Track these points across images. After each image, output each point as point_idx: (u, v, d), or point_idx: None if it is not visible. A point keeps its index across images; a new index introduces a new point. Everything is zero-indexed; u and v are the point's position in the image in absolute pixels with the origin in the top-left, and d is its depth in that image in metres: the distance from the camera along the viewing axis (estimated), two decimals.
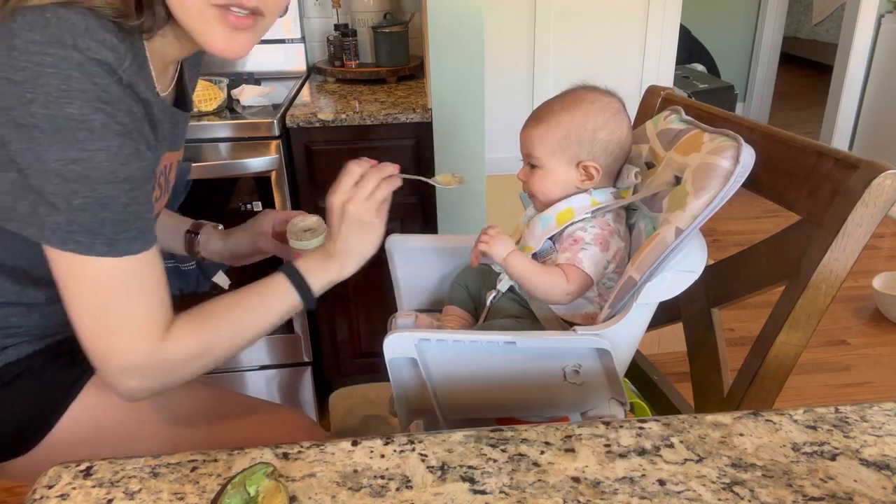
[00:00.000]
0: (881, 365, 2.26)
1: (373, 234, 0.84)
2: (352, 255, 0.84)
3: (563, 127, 0.90)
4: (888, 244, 3.09)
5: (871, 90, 3.56)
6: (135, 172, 0.68)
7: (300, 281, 0.82)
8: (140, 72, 0.70)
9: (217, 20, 0.70)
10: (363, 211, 0.82)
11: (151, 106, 0.72)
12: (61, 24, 0.62)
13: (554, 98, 0.94)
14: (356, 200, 0.82)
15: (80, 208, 0.65)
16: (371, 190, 0.83)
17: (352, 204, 0.82)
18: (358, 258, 0.85)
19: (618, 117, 0.91)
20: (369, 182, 0.83)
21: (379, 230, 0.85)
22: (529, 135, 0.93)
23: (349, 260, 0.85)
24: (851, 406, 0.66)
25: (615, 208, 0.90)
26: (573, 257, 0.86)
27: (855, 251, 0.75)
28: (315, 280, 0.83)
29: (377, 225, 0.84)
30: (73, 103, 0.62)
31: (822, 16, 5.54)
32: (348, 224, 0.82)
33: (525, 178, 0.94)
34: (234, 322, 0.79)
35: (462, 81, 1.68)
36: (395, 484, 0.57)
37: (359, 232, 0.83)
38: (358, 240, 0.84)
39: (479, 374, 0.83)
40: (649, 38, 2.35)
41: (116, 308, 0.70)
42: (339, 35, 2.05)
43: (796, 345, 0.80)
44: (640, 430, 0.63)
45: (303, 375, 1.95)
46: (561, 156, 0.90)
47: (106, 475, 0.60)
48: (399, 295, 1.10)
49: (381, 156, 0.88)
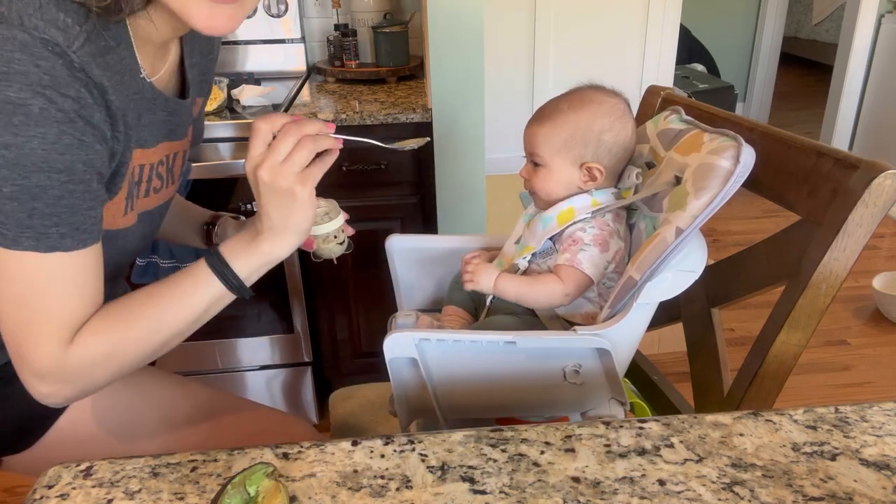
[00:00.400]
0: (881, 365, 2.26)
1: (297, 204, 0.71)
2: (279, 231, 0.72)
3: (569, 127, 0.90)
4: (888, 244, 3.09)
5: (871, 90, 3.56)
6: (74, 164, 0.63)
7: (222, 267, 0.72)
8: (105, 54, 0.65)
9: None
10: (278, 176, 0.69)
11: (107, 92, 0.66)
12: (14, 2, 0.59)
13: (561, 96, 0.93)
14: (267, 164, 0.69)
15: (8, 197, 0.61)
16: (286, 151, 0.69)
17: (263, 169, 0.69)
18: (288, 235, 0.73)
19: (623, 119, 0.91)
20: (283, 142, 0.70)
21: (304, 200, 0.71)
22: (535, 132, 0.92)
23: (278, 238, 0.73)
24: (851, 406, 0.66)
25: (615, 208, 0.90)
26: (572, 258, 0.86)
27: (855, 251, 0.75)
28: (241, 264, 0.73)
29: (300, 193, 0.70)
30: (12, 86, 0.58)
31: (822, 16, 5.54)
32: (266, 195, 0.70)
33: (528, 175, 0.94)
34: (150, 318, 0.71)
35: (462, 81, 1.68)
36: (395, 484, 0.57)
37: (279, 203, 0.70)
38: (281, 213, 0.71)
39: (480, 374, 0.83)
40: (649, 38, 2.35)
41: (35, 308, 0.65)
42: (339, 35, 2.05)
43: (796, 345, 0.80)
44: (640, 430, 0.63)
45: (303, 375, 1.95)
46: (565, 156, 0.90)
47: (106, 475, 0.60)
48: (399, 295, 1.10)
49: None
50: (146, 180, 0.80)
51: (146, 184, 0.80)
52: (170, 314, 0.72)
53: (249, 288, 0.75)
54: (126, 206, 0.76)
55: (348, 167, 1.72)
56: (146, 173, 0.79)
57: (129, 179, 0.76)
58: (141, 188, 0.79)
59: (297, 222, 0.72)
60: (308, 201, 0.71)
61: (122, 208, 0.76)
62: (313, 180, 0.71)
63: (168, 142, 0.81)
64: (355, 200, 1.79)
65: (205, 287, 0.73)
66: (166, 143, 0.80)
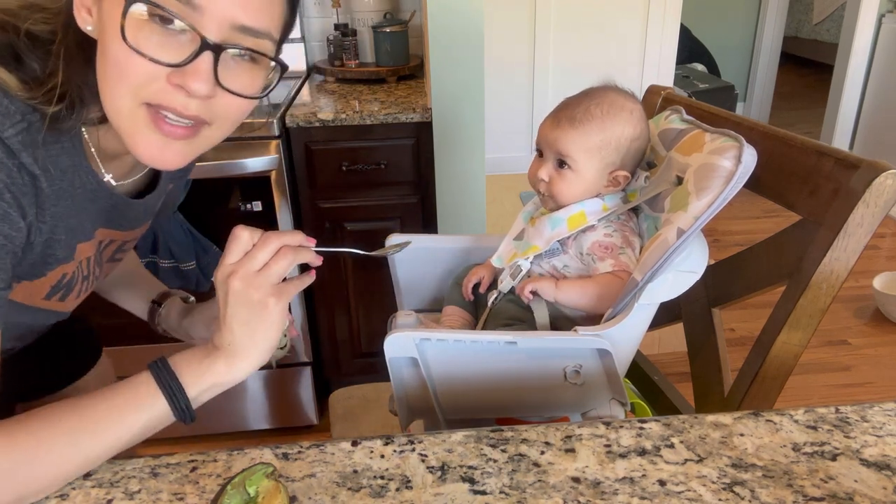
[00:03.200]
0: (882, 365, 2.26)
1: (267, 319, 0.63)
2: (239, 350, 0.63)
3: (605, 134, 0.88)
4: (889, 244, 3.09)
5: (872, 90, 3.56)
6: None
7: (170, 382, 0.62)
8: (44, 146, 0.62)
9: (147, 123, 0.61)
10: (251, 286, 0.62)
11: (38, 179, 0.62)
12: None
13: (587, 98, 0.90)
14: (242, 272, 0.62)
15: None
16: (263, 261, 0.63)
17: (237, 277, 0.62)
18: (249, 355, 0.64)
19: (645, 125, 0.91)
20: (261, 250, 0.63)
21: (275, 315, 0.63)
22: (566, 134, 0.89)
23: (237, 357, 0.64)
24: (852, 406, 0.66)
25: (625, 211, 0.91)
26: (618, 263, 0.86)
27: (856, 251, 0.75)
28: (191, 382, 0.63)
29: (273, 307, 0.63)
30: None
31: (822, 15, 5.54)
32: (232, 306, 0.63)
33: (549, 177, 0.91)
34: (67, 434, 0.58)
35: (462, 81, 1.68)
36: (395, 484, 0.57)
37: (247, 316, 0.63)
38: (246, 328, 0.63)
39: (480, 374, 0.83)
40: (649, 38, 2.35)
41: None
42: (339, 35, 2.05)
43: (797, 345, 0.80)
44: (640, 431, 0.63)
45: (303, 375, 1.95)
46: (598, 162, 0.89)
47: (105, 475, 0.60)
48: (399, 295, 1.10)
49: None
50: (91, 271, 0.77)
51: (91, 274, 0.77)
52: (95, 433, 0.59)
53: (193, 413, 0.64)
54: (51, 293, 0.73)
55: (348, 167, 1.72)
56: (91, 264, 0.77)
57: (78, 273, 0.74)
58: (90, 279, 0.77)
59: (262, 339, 0.64)
60: (279, 318, 0.64)
61: (44, 292, 0.72)
62: (287, 296, 0.65)
63: (105, 229, 0.77)
64: (355, 200, 1.79)
65: (146, 404, 0.61)
66: (102, 230, 0.77)
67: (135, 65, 0.59)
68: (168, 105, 0.60)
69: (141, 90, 0.60)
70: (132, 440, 0.61)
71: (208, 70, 0.59)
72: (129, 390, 0.61)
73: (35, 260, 0.67)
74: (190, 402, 0.63)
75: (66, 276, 0.73)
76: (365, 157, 1.72)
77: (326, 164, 1.74)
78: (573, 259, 0.90)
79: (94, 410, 0.60)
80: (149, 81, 0.59)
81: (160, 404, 0.61)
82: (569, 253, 0.90)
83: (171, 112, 0.61)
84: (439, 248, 1.08)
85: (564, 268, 0.90)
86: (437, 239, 1.12)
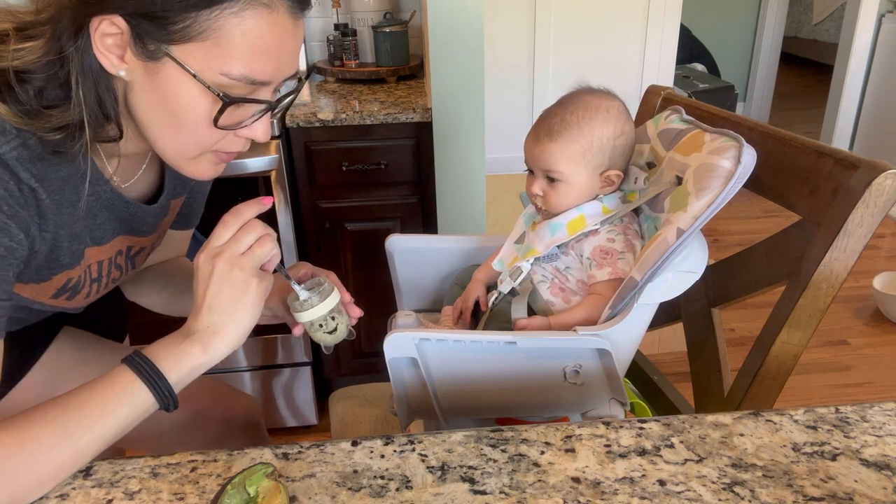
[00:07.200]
0: (882, 365, 2.26)
1: (247, 300, 0.66)
2: (216, 331, 0.65)
3: (584, 139, 0.88)
4: (889, 244, 3.09)
5: (872, 90, 3.56)
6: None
7: (151, 372, 0.63)
8: (41, 160, 0.64)
9: (210, 161, 0.71)
10: (236, 267, 0.65)
11: (37, 192, 0.64)
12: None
13: (561, 108, 0.90)
14: (228, 253, 0.65)
15: None
16: (249, 243, 0.67)
17: (222, 258, 0.65)
18: (225, 335, 0.66)
19: (627, 120, 0.91)
20: (247, 233, 0.67)
21: (255, 295, 0.66)
22: (547, 149, 0.89)
23: (215, 338, 0.65)
24: (852, 406, 0.66)
25: (628, 212, 0.91)
26: (615, 271, 0.86)
27: (855, 251, 0.75)
28: (170, 367, 0.64)
29: (255, 288, 0.66)
30: None
31: (822, 15, 5.54)
32: (216, 285, 0.65)
33: (543, 192, 0.91)
34: (53, 424, 0.59)
35: (462, 81, 1.68)
36: (395, 484, 0.57)
37: (229, 296, 0.65)
38: (226, 308, 0.65)
39: (480, 374, 0.83)
40: (649, 38, 2.35)
41: None
42: (339, 35, 2.05)
43: (797, 345, 0.80)
44: (640, 431, 0.63)
45: (302, 375, 1.95)
46: (585, 168, 0.89)
47: (105, 475, 0.60)
48: (399, 295, 1.10)
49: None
50: (105, 274, 0.80)
51: (106, 277, 0.81)
52: (80, 422, 0.60)
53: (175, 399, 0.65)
54: (57, 294, 0.76)
55: (348, 167, 1.72)
56: (105, 267, 0.80)
57: (86, 277, 0.77)
58: (102, 282, 0.81)
59: (241, 319, 0.66)
60: (258, 300, 0.67)
61: (50, 292, 0.75)
62: (269, 282, 0.68)
63: (125, 236, 0.81)
64: (355, 200, 1.79)
65: (129, 394, 0.62)
66: (122, 237, 0.80)
67: (213, 135, 0.67)
68: (232, 150, 0.70)
69: (213, 146, 0.69)
70: (119, 429, 0.61)
71: (268, 120, 0.69)
72: (108, 382, 0.62)
73: (40, 265, 0.70)
74: (171, 386, 0.64)
75: (72, 281, 0.75)
76: (365, 157, 1.72)
77: (326, 163, 1.74)
78: (574, 260, 0.90)
79: (77, 401, 0.61)
80: (221, 139, 0.68)
81: (141, 392, 0.62)
82: (570, 255, 0.90)
83: (233, 154, 0.71)
84: (439, 248, 1.08)
85: (566, 269, 0.90)
86: (437, 239, 1.12)
